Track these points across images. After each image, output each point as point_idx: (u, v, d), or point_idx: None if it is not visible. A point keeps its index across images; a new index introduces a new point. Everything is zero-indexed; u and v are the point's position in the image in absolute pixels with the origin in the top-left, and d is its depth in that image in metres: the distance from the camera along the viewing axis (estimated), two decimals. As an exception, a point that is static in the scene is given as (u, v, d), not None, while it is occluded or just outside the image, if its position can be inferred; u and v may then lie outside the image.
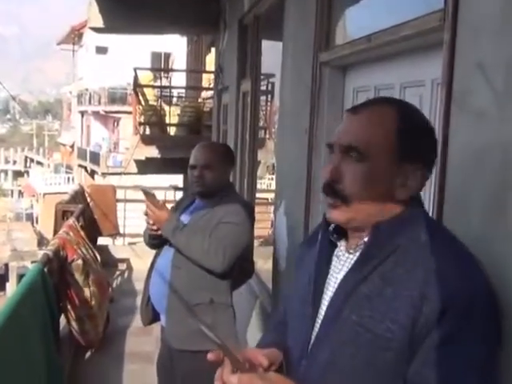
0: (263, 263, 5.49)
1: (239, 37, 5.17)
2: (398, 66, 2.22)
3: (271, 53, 5.00)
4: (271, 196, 12.70)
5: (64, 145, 36.29)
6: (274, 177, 21.05)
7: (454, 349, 1.06)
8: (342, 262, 1.25)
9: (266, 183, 20.15)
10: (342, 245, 1.28)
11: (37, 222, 26.66)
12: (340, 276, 1.24)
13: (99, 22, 6.42)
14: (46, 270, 3.56)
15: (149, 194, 2.71)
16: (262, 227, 9.87)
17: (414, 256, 1.13)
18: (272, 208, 11.29)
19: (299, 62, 3.09)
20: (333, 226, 1.29)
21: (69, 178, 31.66)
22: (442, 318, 1.06)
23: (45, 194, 27.75)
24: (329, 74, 2.74)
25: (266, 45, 5.00)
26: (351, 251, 1.24)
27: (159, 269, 2.86)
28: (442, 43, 1.66)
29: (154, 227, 2.72)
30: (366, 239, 1.21)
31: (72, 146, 33.02)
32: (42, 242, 16.86)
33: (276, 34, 4.32)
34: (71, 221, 5.04)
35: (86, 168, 27.61)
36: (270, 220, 11.09)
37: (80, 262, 4.58)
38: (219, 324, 2.68)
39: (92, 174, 26.17)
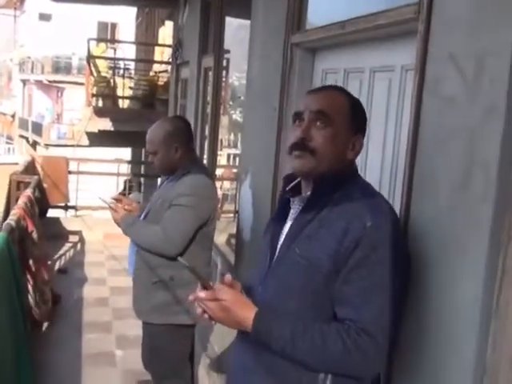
0: (216, 237, 5.61)
1: (202, 13, 5.19)
2: (369, 51, 2.33)
3: (226, 30, 5.04)
4: (220, 171, 12.74)
5: (4, 114, 34.94)
6: (223, 152, 20.99)
7: (363, 271, 1.43)
8: (294, 211, 1.62)
9: (218, 159, 19.88)
10: (295, 199, 1.62)
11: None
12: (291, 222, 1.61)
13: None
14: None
15: (105, 202, 2.95)
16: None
17: (345, 206, 1.50)
18: (220, 184, 11.38)
19: (269, 42, 3.16)
20: (290, 186, 1.66)
21: (9, 149, 30.61)
22: (356, 247, 1.43)
23: (-17, 165, 26.74)
24: (299, 55, 2.83)
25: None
26: (300, 203, 1.60)
27: (131, 245, 2.97)
28: (413, 32, 1.79)
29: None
30: (309, 192, 1.57)
31: (13, 116, 31.85)
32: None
33: (241, 11, 4.39)
34: (29, 192, 4.99)
35: (27, 139, 26.74)
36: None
37: (35, 234, 4.56)
38: (181, 300, 2.75)
39: (34, 144, 25.38)
